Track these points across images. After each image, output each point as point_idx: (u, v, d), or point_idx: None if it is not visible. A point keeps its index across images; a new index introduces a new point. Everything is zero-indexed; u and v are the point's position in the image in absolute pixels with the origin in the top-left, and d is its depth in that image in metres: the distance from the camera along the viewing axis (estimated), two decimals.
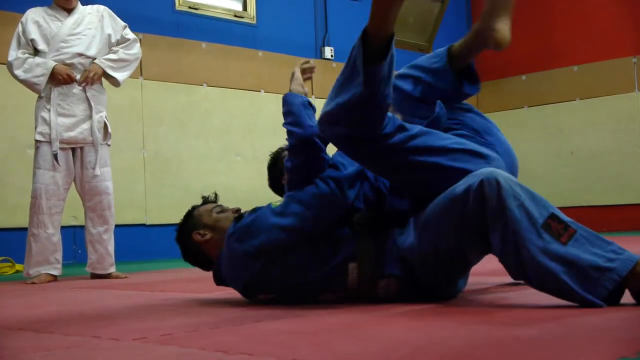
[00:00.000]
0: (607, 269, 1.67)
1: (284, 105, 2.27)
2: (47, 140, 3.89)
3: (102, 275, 3.97)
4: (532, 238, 1.72)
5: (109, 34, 4.07)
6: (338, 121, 1.91)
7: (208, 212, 2.28)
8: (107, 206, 4.01)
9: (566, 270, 1.69)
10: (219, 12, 6.66)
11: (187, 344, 1.48)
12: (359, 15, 7.75)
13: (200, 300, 2.42)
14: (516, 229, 1.74)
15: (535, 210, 1.74)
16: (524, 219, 1.73)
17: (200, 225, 2.25)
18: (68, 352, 1.48)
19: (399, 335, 1.45)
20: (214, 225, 2.23)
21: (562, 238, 1.71)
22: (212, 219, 2.25)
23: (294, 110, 2.20)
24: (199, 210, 2.31)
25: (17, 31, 3.95)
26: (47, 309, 2.45)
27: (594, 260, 1.68)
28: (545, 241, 1.72)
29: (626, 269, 1.66)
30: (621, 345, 1.23)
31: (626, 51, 7.62)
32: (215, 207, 2.30)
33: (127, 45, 4.14)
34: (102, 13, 4.11)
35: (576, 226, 1.74)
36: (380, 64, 1.83)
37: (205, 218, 2.26)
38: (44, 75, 3.86)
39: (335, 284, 2.02)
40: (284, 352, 1.33)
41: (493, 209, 1.77)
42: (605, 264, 1.68)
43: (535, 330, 1.40)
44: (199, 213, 2.29)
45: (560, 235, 1.72)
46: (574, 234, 1.72)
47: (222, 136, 6.37)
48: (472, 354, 1.22)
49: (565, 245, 1.71)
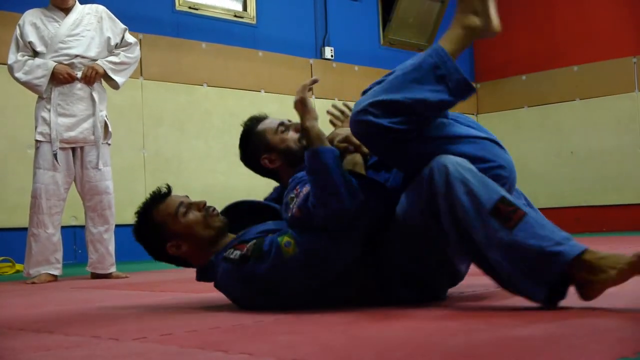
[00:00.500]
0: (554, 254, 1.62)
1: (310, 161, 1.87)
2: (47, 140, 3.90)
3: (102, 275, 3.97)
4: (477, 227, 1.70)
5: (108, 36, 4.07)
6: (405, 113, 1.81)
7: (172, 216, 2.03)
8: (107, 206, 4.01)
9: (510, 260, 1.66)
10: (218, 12, 6.66)
11: (187, 344, 1.48)
12: (359, 15, 7.76)
13: (200, 300, 2.42)
14: (462, 217, 1.73)
15: (484, 195, 1.71)
16: (470, 207, 1.71)
17: (169, 235, 2.03)
18: (68, 352, 1.48)
19: (399, 335, 1.45)
20: (186, 235, 2.03)
21: (509, 223, 1.67)
22: (181, 226, 2.02)
23: (331, 176, 1.82)
24: (159, 212, 2.05)
25: (15, 34, 3.95)
26: (47, 308, 2.45)
27: (540, 244, 1.64)
28: (491, 229, 1.68)
29: (573, 254, 1.61)
30: (621, 345, 1.23)
31: (626, 51, 7.62)
32: (178, 207, 2.04)
33: (129, 49, 4.14)
34: (102, 14, 4.10)
35: (526, 209, 1.70)
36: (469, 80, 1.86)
37: (172, 225, 2.03)
38: (44, 77, 3.86)
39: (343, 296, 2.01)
40: (284, 352, 1.33)
41: (441, 196, 1.76)
42: (551, 248, 1.63)
43: (535, 330, 1.40)
44: (162, 219, 2.04)
45: (509, 219, 1.67)
46: (523, 217, 1.67)
47: (222, 136, 6.37)
48: (472, 354, 1.22)
49: (512, 231, 1.66)
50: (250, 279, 1.90)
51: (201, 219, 2.04)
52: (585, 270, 1.62)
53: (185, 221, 2.03)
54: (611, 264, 1.61)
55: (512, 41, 8.48)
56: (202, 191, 6.08)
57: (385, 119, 1.81)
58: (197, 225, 2.03)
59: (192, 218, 2.04)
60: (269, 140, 2.20)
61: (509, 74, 8.43)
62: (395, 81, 1.84)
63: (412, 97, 1.80)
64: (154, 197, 2.11)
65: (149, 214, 2.08)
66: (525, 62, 8.31)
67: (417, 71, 1.83)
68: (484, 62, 8.77)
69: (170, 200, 2.08)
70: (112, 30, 4.10)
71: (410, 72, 1.84)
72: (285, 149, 2.18)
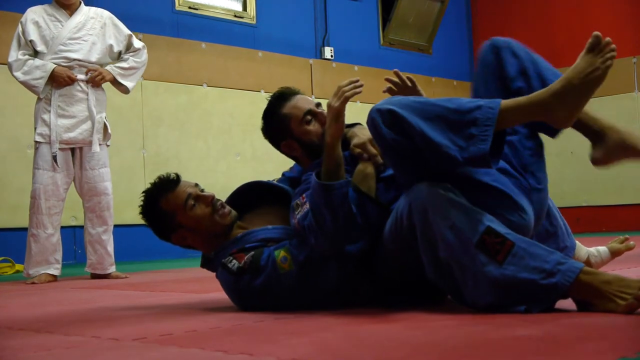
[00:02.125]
0: (547, 287, 1.57)
1: (318, 192, 1.79)
2: (47, 142, 3.89)
3: (102, 275, 3.97)
4: (466, 262, 1.63)
5: (110, 44, 4.06)
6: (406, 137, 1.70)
7: (180, 208, 2.02)
8: (106, 207, 4.00)
9: (502, 294, 1.61)
10: (218, 12, 6.66)
11: (187, 344, 1.48)
12: (358, 15, 7.76)
13: (200, 300, 2.42)
14: (449, 253, 1.66)
15: (468, 228, 1.63)
16: (456, 241, 1.64)
17: (176, 225, 2.03)
18: (68, 352, 1.48)
19: (399, 335, 1.45)
20: (195, 227, 2.03)
21: (498, 256, 1.60)
22: (189, 219, 2.02)
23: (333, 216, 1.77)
24: (168, 202, 2.03)
25: (17, 31, 3.93)
26: (47, 309, 2.45)
27: (533, 278, 1.57)
28: (479, 264, 1.61)
29: (568, 282, 1.56)
30: (621, 345, 1.23)
31: (626, 51, 7.62)
32: (187, 199, 2.02)
33: (137, 54, 4.14)
34: (106, 21, 4.08)
35: (514, 237, 1.62)
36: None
37: (179, 216, 2.02)
38: (42, 78, 3.85)
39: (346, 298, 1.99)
40: (284, 352, 1.33)
41: (420, 234, 1.70)
42: (544, 281, 1.57)
43: (535, 331, 1.40)
44: (171, 209, 2.03)
45: (497, 252, 1.60)
46: (512, 248, 1.60)
47: (222, 136, 6.37)
48: (472, 354, 1.22)
49: (502, 264, 1.59)
50: (246, 292, 1.93)
51: (209, 214, 2.02)
52: (587, 293, 1.58)
53: (192, 214, 2.02)
54: (617, 291, 1.55)
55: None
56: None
57: (386, 129, 1.70)
58: (205, 220, 2.02)
59: (199, 213, 2.02)
60: (292, 129, 2.07)
61: None
62: (430, 107, 1.71)
63: (425, 132, 1.67)
64: (162, 183, 2.07)
65: (157, 200, 2.06)
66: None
67: (456, 114, 1.69)
68: None
69: (179, 190, 2.05)
70: (115, 38, 4.09)
71: (450, 111, 1.70)
72: (307, 142, 2.06)
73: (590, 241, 5.45)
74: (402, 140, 1.70)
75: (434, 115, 1.69)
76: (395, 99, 1.76)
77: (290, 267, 1.88)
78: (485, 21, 8.84)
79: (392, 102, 1.73)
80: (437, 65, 8.41)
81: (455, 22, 8.75)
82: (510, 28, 8.56)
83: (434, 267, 1.72)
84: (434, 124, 1.68)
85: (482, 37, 8.85)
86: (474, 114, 1.67)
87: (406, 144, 1.70)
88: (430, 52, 8.42)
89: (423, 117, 1.69)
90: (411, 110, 1.70)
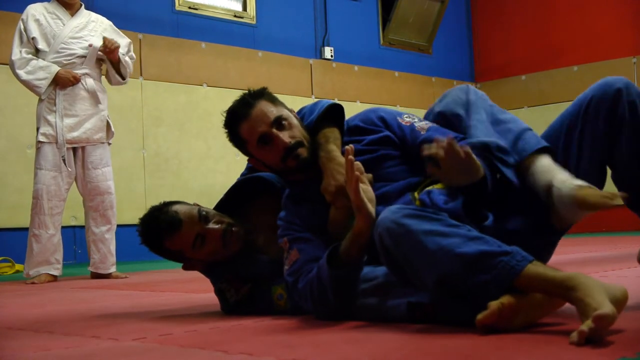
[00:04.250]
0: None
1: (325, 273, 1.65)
2: (50, 142, 3.89)
3: (102, 275, 3.97)
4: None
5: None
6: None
7: (189, 247, 1.93)
8: (109, 206, 4.01)
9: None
10: (218, 12, 6.66)
11: (187, 344, 1.48)
12: (358, 15, 7.76)
13: (200, 300, 2.42)
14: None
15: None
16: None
17: (185, 259, 1.99)
18: (68, 352, 1.48)
19: (399, 336, 1.45)
20: (206, 259, 1.99)
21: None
22: (200, 254, 1.95)
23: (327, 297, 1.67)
24: (174, 243, 1.93)
25: (19, 28, 3.92)
26: (47, 309, 2.45)
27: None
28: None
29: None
30: (621, 345, 1.23)
31: (626, 51, 7.63)
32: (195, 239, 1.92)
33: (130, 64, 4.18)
34: (106, 27, 4.09)
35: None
36: None
37: (189, 253, 1.95)
38: (46, 79, 3.85)
39: None
40: (284, 352, 1.33)
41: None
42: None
43: (536, 331, 1.40)
44: (178, 248, 1.94)
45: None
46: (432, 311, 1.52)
47: (221, 136, 6.21)
48: (472, 354, 1.22)
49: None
50: (240, 312, 1.93)
51: (220, 247, 1.95)
52: None
53: (202, 252, 1.95)
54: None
55: (512, 41, 8.49)
56: (201, 191, 6.08)
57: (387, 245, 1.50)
58: (216, 255, 1.97)
59: (210, 249, 1.95)
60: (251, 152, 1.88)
61: (508, 74, 8.43)
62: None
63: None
64: (166, 227, 1.92)
65: (162, 241, 1.95)
66: (525, 62, 8.31)
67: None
68: (484, 62, 8.78)
69: (184, 231, 1.92)
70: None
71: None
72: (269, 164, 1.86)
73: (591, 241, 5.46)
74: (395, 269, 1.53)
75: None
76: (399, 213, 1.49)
77: (285, 306, 1.87)
78: (485, 21, 8.85)
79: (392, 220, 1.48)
80: (437, 65, 8.41)
81: (455, 22, 8.75)
82: (510, 28, 8.57)
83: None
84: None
85: (482, 37, 8.88)
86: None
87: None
88: (430, 52, 8.42)
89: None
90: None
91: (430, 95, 8.16)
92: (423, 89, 8.09)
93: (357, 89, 7.43)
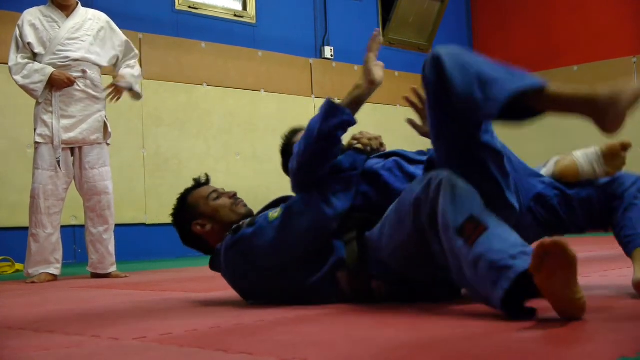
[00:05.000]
0: (505, 267, 1.54)
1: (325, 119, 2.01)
2: (47, 142, 3.89)
3: (102, 274, 3.97)
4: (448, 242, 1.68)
5: (108, 47, 4.08)
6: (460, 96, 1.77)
7: (204, 199, 2.24)
8: (106, 206, 4.00)
9: (473, 277, 1.62)
10: (218, 11, 6.66)
11: (187, 344, 1.48)
12: (358, 15, 7.76)
13: (200, 299, 2.42)
14: (440, 235, 1.71)
15: (452, 215, 1.66)
16: (442, 225, 1.69)
17: (198, 215, 2.22)
18: (68, 352, 1.48)
19: (399, 336, 1.45)
20: (213, 216, 2.21)
21: (469, 240, 1.62)
22: (210, 208, 2.22)
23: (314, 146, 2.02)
24: (193, 196, 2.27)
25: (15, 34, 3.94)
26: (47, 308, 2.45)
27: (493, 259, 1.57)
28: (456, 247, 1.65)
29: (525, 266, 1.52)
30: (621, 345, 1.23)
31: (626, 51, 7.62)
32: (211, 192, 2.25)
33: (136, 61, 4.19)
34: (104, 24, 4.09)
35: (493, 224, 1.64)
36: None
37: (203, 207, 2.22)
38: (41, 82, 3.85)
39: (327, 293, 2.03)
40: (284, 352, 1.33)
41: (428, 200, 1.75)
42: (502, 262, 1.55)
43: (536, 331, 1.40)
44: (195, 201, 2.25)
45: (469, 238, 1.63)
46: (484, 232, 1.62)
47: (221, 136, 6.37)
48: (472, 354, 1.22)
49: (472, 247, 1.61)
50: (237, 242, 2.06)
51: (229, 204, 2.23)
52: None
53: (213, 204, 2.22)
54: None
55: (512, 41, 8.48)
56: None
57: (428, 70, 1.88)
58: (223, 209, 2.22)
59: (220, 202, 2.23)
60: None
61: None
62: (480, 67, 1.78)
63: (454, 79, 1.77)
64: (193, 185, 2.33)
65: (185, 197, 2.29)
66: (524, 62, 8.29)
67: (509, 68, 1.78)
68: None
69: (205, 187, 2.32)
70: (112, 42, 4.10)
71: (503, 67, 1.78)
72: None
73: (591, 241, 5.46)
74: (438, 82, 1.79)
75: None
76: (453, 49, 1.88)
77: (278, 215, 2.05)
78: (485, 21, 8.84)
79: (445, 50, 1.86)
80: None
81: (455, 22, 8.75)
82: (510, 28, 8.57)
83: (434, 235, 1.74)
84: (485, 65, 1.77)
85: (482, 36, 8.87)
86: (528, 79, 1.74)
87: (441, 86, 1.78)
88: (430, 51, 8.41)
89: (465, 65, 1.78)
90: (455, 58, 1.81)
91: None
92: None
93: None
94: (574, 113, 1.71)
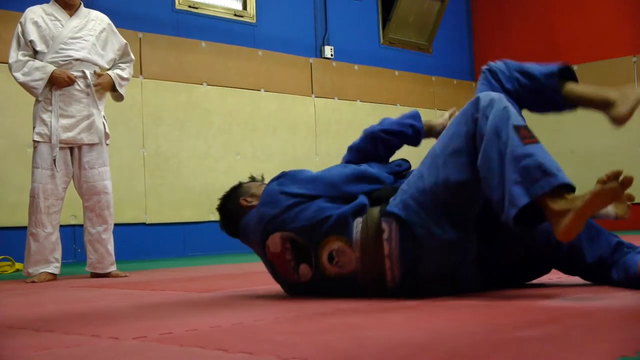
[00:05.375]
0: (552, 174, 1.79)
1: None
2: (45, 141, 3.89)
3: (102, 274, 3.97)
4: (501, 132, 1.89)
5: (108, 49, 4.08)
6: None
7: (257, 185, 2.46)
8: (105, 206, 4.00)
9: (511, 167, 1.83)
10: (218, 11, 6.66)
11: (187, 343, 1.48)
12: (358, 15, 7.76)
13: (200, 299, 2.42)
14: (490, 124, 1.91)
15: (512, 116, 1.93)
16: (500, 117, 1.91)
17: (248, 194, 2.42)
18: (68, 351, 1.48)
19: (399, 335, 1.45)
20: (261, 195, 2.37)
21: (525, 140, 1.86)
22: (260, 190, 2.38)
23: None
24: (248, 183, 2.50)
25: (17, 32, 3.93)
26: (47, 307, 2.45)
27: (543, 162, 1.81)
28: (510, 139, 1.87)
29: (567, 181, 1.80)
30: (621, 345, 1.23)
31: (626, 50, 7.63)
32: (263, 184, 2.46)
33: (129, 66, 4.18)
34: (105, 26, 4.09)
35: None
36: None
37: (254, 189, 2.43)
38: (42, 80, 3.85)
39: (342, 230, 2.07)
40: (284, 351, 1.33)
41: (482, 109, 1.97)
42: (551, 170, 1.81)
43: (536, 331, 1.40)
44: (248, 185, 2.48)
45: (524, 138, 1.86)
46: (537, 142, 1.87)
47: (221, 135, 6.37)
48: (472, 354, 1.22)
49: (525, 146, 1.85)
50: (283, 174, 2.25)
51: None
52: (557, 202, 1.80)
53: (264, 188, 2.35)
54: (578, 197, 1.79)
55: (512, 40, 8.48)
56: (201, 190, 6.08)
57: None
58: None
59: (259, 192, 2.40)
60: None
61: None
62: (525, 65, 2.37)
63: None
64: (251, 178, 2.55)
65: (241, 183, 2.51)
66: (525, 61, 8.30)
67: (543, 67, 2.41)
68: (484, 61, 8.71)
69: (260, 182, 2.53)
70: (111, 44, 4.10)
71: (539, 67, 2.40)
72: None
73: None
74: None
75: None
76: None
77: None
78: (485, 20, 8.84)
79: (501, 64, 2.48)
80: (437, 64, 8.41)
81: (455, 21, 8.75)
82: (510, 27, 8.57)
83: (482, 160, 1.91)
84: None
85: (482, 36, 8.87)
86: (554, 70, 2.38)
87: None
88: (430, 51, 8.42)
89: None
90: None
91: (430, 94, 8.16)
92: (423, 88, 8.09)
93: (357, 88, 7.43)
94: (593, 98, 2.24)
